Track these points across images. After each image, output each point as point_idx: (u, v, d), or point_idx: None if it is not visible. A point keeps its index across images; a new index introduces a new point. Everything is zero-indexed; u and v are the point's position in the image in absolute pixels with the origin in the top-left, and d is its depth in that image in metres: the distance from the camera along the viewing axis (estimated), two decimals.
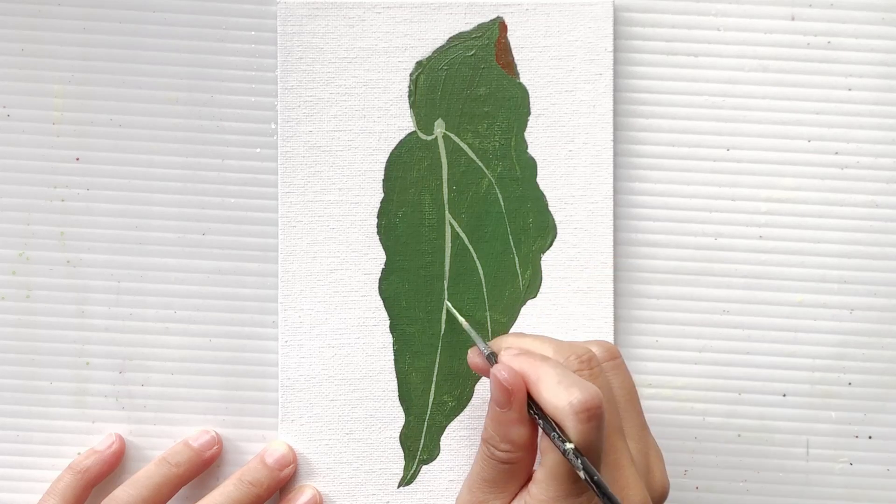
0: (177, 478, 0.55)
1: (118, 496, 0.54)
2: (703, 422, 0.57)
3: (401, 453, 0.57)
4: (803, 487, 0.57)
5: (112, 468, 0.56)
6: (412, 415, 0.57)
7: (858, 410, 0.57)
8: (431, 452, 0.57)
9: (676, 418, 0.57)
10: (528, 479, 0.49)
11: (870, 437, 0.57)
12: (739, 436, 0.57)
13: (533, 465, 0.49)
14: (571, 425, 0.46)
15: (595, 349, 0.50)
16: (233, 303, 0.57)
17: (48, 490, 0.56)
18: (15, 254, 0.57)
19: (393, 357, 0.57)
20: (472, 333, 0.54)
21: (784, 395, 0.57)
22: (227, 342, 0.57)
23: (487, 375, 0.51)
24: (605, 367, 0.50)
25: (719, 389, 0.57)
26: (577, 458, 0.45)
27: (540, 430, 0.48)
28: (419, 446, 0.57)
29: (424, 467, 0.57)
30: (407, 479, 0.57)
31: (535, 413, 0.48)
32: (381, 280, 0.57)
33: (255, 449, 0.57)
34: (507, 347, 0.51)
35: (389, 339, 0.57)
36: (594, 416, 0.45)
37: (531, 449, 0.48)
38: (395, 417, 0.57)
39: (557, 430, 0.46)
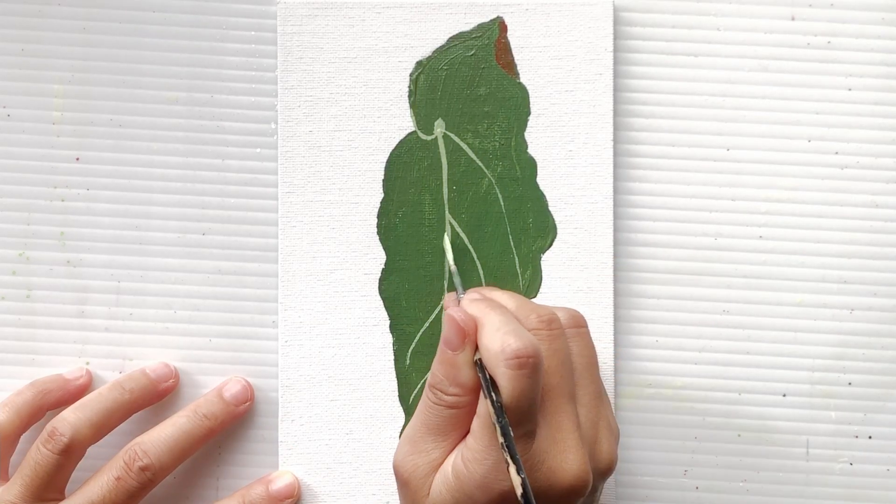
0: (128, 404, 0.55)
1: (66, 417, 0.54)
2: (703, 422, 0.57)
3: None
4: (803, 487, 0.57)
5: (73, 400, 0.56)
6: (412, 415, 0.57)
7: (858, 410, 0.57)
8: None
9: (676, 418, 0.57)
10: (469, 429, 0.49)
11: (870, 437, 0.57)
12: (739, 436, 0.57)
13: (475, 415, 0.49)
14: (500, 372, 0.46)
15: (560, 314, 0.50)
16: (233, 303, 0.57)
17: (5, 401, 0.55)
18: (15, 254, 0.57)
19: (393, 357, 0.57)
20: (456, 278, 0.55)
21: (784, 395, 0.57)
22: (227, 342, 0.57)
23: None
24: (567, 333, 0.50)
25: (719, 389, 0.57)
26: (498, 415, 0.45)
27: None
28: None
29: None
30: None
31: (477, 361, 0.48)
32: (381, 280, 0.57)
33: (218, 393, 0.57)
34: (474, 292, 0.52)
35: (389, 339, 0.57)
36: (525, 364, 0.46)
37: (478, 394, 0.48)
38: (395, 417, 0.57)
39: (491, 381, 0.46)
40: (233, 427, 0.57)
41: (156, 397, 0.56)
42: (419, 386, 0.57)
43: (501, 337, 0.46)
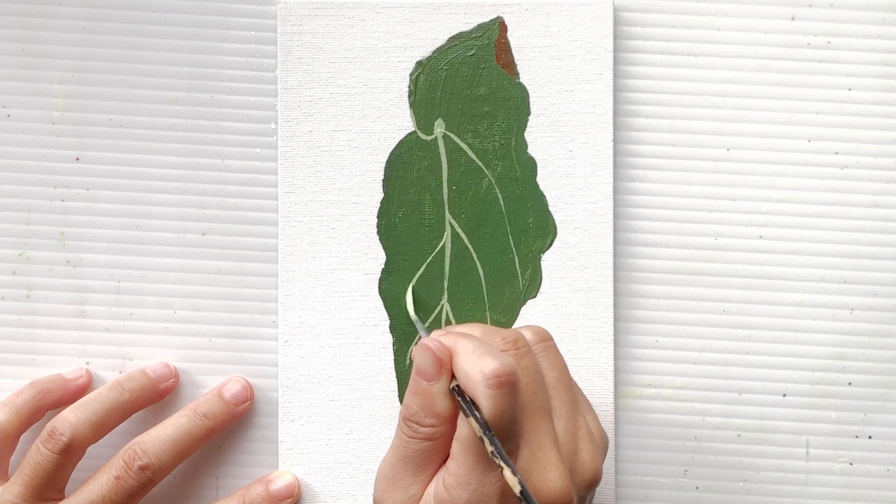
0: (128, 404, 0.55)
1: (66, 417, 0.54)
2: (703, 422, 0.57)
3: None
4: (803, 487, 0.57)
5: (73, 400, 0.56)
6: None
7: (858, 410, 0.57)
8: None
9: (676, 418, 0.57)
10: (447, 458, 0.48)
11: (870, 437, 0.57)
12: (739, 436, 0.57)
13: (451, 444, 0.48)
14: (481, 392, 0.46)
15: (526, 333, 0.51)
16: (233, 303, 0.57)
17: (5, 401, 0.55)
18: (15, 254, 0.57)
19: (393, 357, 0.57)
20: (418, 325, 0.55)
21: (784, 395, 0.57)
22: (227, 342, 0.57)
23: None
24: (535, 350, 0.50)
25: (719, 389, 0.57)
26: (484, 429, 0.46)
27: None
28: None
29: None
30: None
31: (453, 388, 0.48)
32: (381, 280, 0.57)
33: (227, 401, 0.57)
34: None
35: (389, 339, 0.57)
36: (505, 383, 0.46)
37: (454, 424, 0.48)
38: (395, 417, 0.57)
39: (472, 402, 0.47)
40: (233, 427, 0.57)
41: (156, 397, 0.56)
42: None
43: (478, 359, 0.47)
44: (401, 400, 0.57)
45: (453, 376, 0.48)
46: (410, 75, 0.57)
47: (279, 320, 0.57)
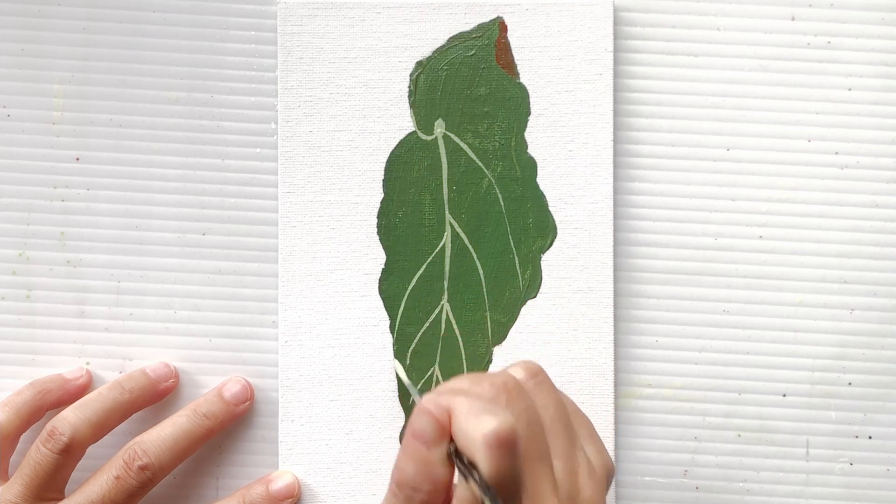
0: (128, 404, 0.55)
1: (66, 417, 0.54)
2: (703, 422, 0.57)
3: None
4: (803, 487, 0.57)
5: (73, 400, 0.56)
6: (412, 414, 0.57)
7: (858, 410, 0.57)
8: None
9: (676, 418, 0.57)
10: None
11: (870, 437, 0.57)
12: (739, 436, 0.57)
13: None
14: (482, 455, 0.43)
15: (515, 371, 0.48)
16: (233, 303, 0.57)
17: (5, 401, 0.55)
18: (15, 254, 0.57)
19: (393, 357, 0.57)
20: (411, 388, 0.55)
21: (784, 395, 0.57)
22: (227, 342, 0.57)
23: None
24: (527, 387, 0.47)
25: (719, 389, 0.57)
26: (485, 491, 0.43)
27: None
28: None
29: None
30: None
31: (450, 451, 0.45)
32: (381, 280, 0.57)
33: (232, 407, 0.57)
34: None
35: (389, 339, 0.57)
36: (504, 442, 0.43)
37: (449, 489, 0.45)
38: (395, 417, 0.57)
39: (468, 463, 0.44)
40: (233, 427, 0.57)
41: (156, 397, 0.56)
42: (419, 385, 0.57)
43: (475, 419, 0.44)
44: (401, 400, 0.57)
45: (450, 439, 0.45)
46: (410, 75, 0.57)
47: (279, 320, 0.57)
